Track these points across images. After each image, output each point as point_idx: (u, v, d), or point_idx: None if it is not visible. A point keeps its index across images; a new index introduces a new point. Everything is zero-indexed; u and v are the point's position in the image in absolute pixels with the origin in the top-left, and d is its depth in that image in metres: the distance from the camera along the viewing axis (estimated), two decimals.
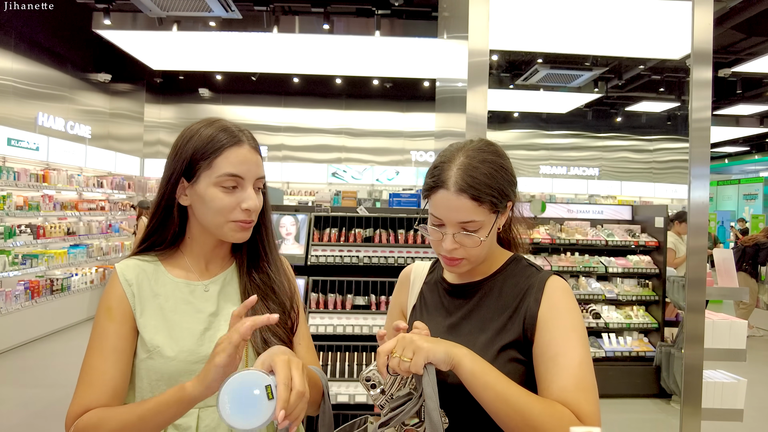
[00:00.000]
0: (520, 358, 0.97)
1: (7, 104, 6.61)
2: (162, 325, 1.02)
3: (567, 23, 4.93)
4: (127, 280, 1.04)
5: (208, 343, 1.02)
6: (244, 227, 1.04)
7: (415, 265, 1.24)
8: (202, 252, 1.10)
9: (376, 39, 6.57)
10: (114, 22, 6.32)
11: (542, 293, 0.99)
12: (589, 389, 0.90)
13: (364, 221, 2.84)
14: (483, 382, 0.86)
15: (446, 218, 0.98)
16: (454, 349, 0.87)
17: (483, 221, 0.97)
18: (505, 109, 11.38)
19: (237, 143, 1.01)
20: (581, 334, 0.95)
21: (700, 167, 2.25)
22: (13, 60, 6.75)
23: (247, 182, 1.02)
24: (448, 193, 0.96)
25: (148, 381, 1.00)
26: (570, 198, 12.36)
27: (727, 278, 2.53)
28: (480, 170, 0.96)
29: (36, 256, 6.02)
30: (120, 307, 1.02)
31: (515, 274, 1.06)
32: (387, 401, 0.89)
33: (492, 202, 0.97)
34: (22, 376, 4.75)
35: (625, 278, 4.92)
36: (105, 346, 0.99)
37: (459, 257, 1.00)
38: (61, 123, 7.61)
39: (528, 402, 0.85)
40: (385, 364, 0.87)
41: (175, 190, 1.04)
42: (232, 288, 1.11)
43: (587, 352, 0.94)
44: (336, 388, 2.39)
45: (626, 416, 4.20)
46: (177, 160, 1.03)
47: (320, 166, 11.54)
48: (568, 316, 0.97)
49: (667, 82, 9.66)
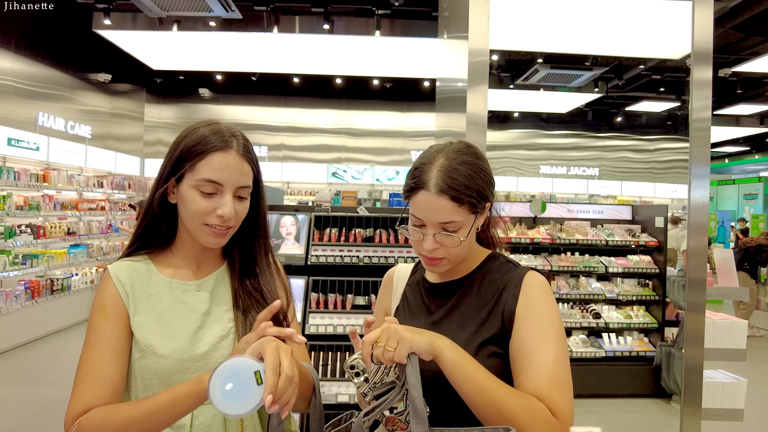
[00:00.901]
0: (500, 352, 1.00)
1: (7, 104, 6.61)
2: (155, 324, 1.02)
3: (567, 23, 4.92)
4: (120, 280, 1.03)
5: (200, 342, 1.03)
6: (219, 233, 1.02)
7: (398, 267, 1.27)
8: (192, 252, 1.10)
9: (376, 39, 6.57)
10: (114, 22, 6.32)
11: (519, 289, 1.01)
12: (563, 385, 0.93)
13: (365, 221, 2.84)
14: (463, 374, 0.88)
15: (427, 219, 1.00)
16: (437, 340, 0.90)
17: (463, 221, 1.00)
18: (506, 108, 11.39)
19: (223, 148, 1.00)
20: (557, 330, 0.98)
21: (701, 167, 2.25)
22: (14, 60, 6.75)
23: (226, 189, 1.00)
24: (429, 194, 0.98)
25: (142, 380, 1.01)
26: (570, 198, 12.37)
27: (727, 278, 2.53)
28: (460, 172, 0.99)
29: (36, 256, 6.02)
30: (114, 306, 1.01)
31: (493, 270, 1.08)
32: (370, 389, 0.92)
33: (471, 203, 0.99)
34: (22, 376, 4.75)
35: (625, 278, 4.92)
36: (102, 345, 0.99)
37: (439, 257, 1.02)
38: (61, 123, 7.61)
39: (505, 395, 0.88)
40: (370, 353, 0.90)
41: (166, 190, 1.04)
42: (223, 288, 1.11)
43: (563, 347, 0.96)
44: (336, 387, 2.40)
45: (626, 416, 4.20)
46: (169, 159, 1.03)
47: (320, 166, 11.54)
48: (545, 312, 0.99)
49: (668, 82, 9.67)
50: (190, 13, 5.21)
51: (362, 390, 0.93)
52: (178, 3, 4.94)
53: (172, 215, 1.07)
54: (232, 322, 1.07)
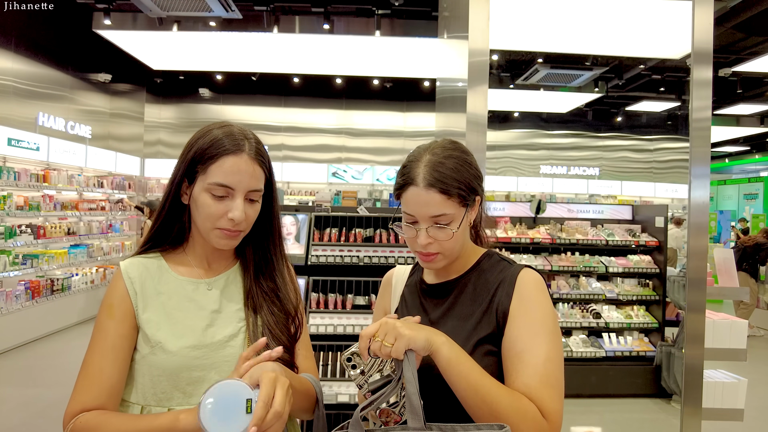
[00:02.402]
0: (496, 350, 1.00)
1: (7, 104, 6.61)
2: (164, 321, 1.03)
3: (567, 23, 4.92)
4: (131, 277, 1.05)
5: (209, 339, 1.04)
6: (230, 235, 1.04)
7: (397, 268, 1.28)
8: (204, 251, 1.11)
9: (376, 39, 6.57)
10: (114, 22, 6.32)
11: (513, 287, 1.02)
12: (553, 386, 0.93)
13: (365, 221, 2.84)
14: (457, 371, 0.89)
15: (418, 213, 1.01)
16: (434, 337, 0.91)
17: (453, 214, 1.01)
18: (506, 108, 11.38)
19: (236, 152, 1.01)
20: (550, 329, 0.97)
21: (701, 167, 2.25)
22: (14, 60, 6.74)
23: (237, 193, 1.01)
24: (418, 189, 1.00)
25: (150, 377, 1.01)
26: (570, 198, 12.36)
27: (727, 278, 2.53)
28: (446, 165, 1.00)
29: (36, 256, 6.02)
30: (122, 305, 1.03)
31: (488, 269, 1.09)
32: (365, 382, 0.94)
33: (460, 194, 1.00)
34: (22, 376, 4.75)
35: (625, 278, 4.92)
36: (105, 345, 1.00)
37: (434, 252, 1.03)
38: (61, 123, 7.61)
39: (497, 395, 0.88)
40: (367, 347, 0.91)
41: (180, 190, 1.06)
42: (235, 287, 1.12)
43: (555, 347, 0.96)
44: (336, 388, 2.40)
45: (626, 416, 4.20)
46: (182, 161, 1.04)
47: (320, 166, 11.54)
48: (538, 310, 0.99)
49: (668, 82, 9.66)
50: (190, 13, 5.21)
51: (358, 382, 0.95)
52: (178, 3, 4.94)
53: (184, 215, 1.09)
54: (243, 322, 1.08)
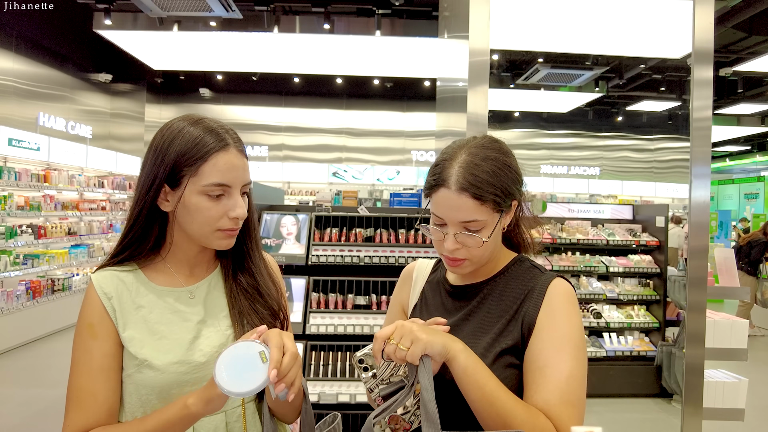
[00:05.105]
0: (518, 363, 0.95)
1: (8, 104, 6.62)
2: (148, 337, 0.97)
3: (568, 22, 4.92)
4: (106, 293, 0.97)
5: (197, 352, 0.98)
6: (231, 235, 1.00)
7: (419, 262, 1.21)
8: (186, 258, 1.04)
9: (377, 39, 6.57)
10: (114, 22, 6.32)
11: (543, 298, 0.96)
12: (573, 404, 0.88)
13: (365, 221, 2.84)
14: (473, 380, 0.85)
15: (447, 218, 0.95)
16: (451, 343, 0.87)
17: (486, 221, 0.94)
18: (506, 108, 11.38)
19: (224, 148, 0.95)
20: (576, 344, 0.92)
21: (702, 166, 2.25)
22: (14, 60, 6.75)
23: (234, 190, 0.97)
24: (450, 192, 0.93)
25: (138, 396, 0.96)
26: (571, 197, 12.36)
27: (728, 277, 2.53)
28: (482, 168, 0.94)
29: (37, 256, 6.03)
30: (102, 323, 0.96)
31: (518, 275, 1.03)
32: (377, 385, 0.91)
33: (495, 201, 0.94)
34: (22, 376, 4.75)
35: (626, 278, 4.92)
36: (92, 367, 0.94)
37: (461, 258, 0.98)
38: (62, 123, 7.61)
39: (513, 408, 0.85)
40: (381, 350, 0.87)
41: (157, 197, 0.97)
42: (218, 292, 1.07)
43: (580, 364, 0.91)
44: (337, 387, 2.39)
45: (627, 416, 4.20)
46: (159, 165, 0.95)
47: (321, 166, 11.55)
48: (566, 324, 0.94)
49: (668, 82, 9.66)
50: (191, 13, 5.21)
51: (369, 385, 0.91)
52: (179, 3, 4.94)
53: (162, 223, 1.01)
54: (231, 329, 1.03)
